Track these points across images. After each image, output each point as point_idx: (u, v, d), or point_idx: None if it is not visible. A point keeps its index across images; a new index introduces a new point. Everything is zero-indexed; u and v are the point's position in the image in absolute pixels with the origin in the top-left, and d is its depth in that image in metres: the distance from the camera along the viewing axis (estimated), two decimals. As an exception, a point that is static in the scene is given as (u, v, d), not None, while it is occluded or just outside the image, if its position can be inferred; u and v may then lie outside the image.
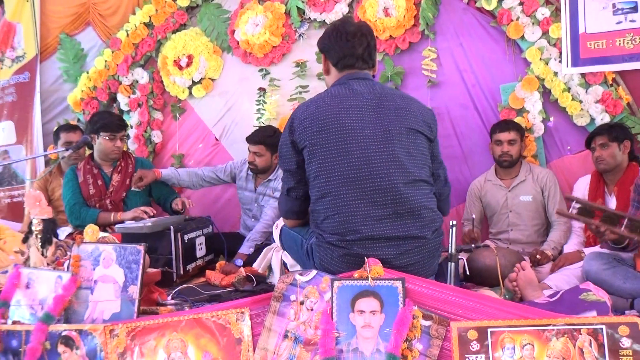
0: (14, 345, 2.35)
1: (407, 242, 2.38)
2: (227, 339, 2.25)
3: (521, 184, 3.88)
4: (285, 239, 2.79)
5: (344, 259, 2.37)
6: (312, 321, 2.22)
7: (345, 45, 2.55)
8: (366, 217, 2.35)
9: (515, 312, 2.04)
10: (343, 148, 2.37)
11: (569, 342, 1.91)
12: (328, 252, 2.41)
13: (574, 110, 3.88)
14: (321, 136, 2.40)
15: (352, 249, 2.35)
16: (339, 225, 2.37)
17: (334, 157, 2.38)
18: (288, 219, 2.67)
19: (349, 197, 2.35)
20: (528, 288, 2.96)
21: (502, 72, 4.15)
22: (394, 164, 2.38)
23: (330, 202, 2.39)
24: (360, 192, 2.35)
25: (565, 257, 3.45)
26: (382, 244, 2.35)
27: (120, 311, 2.43)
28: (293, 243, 2.73)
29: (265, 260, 2.86)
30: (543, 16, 3.92)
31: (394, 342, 2.03)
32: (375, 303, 2.14)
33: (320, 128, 2.41)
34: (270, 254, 2.84)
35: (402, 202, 2.36)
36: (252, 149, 4.18)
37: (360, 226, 2.35)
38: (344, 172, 2.36)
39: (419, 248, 2.42)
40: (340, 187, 2.37)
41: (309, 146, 2.42)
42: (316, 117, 2.44)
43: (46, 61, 5.38)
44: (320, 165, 2.40)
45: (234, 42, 4.82)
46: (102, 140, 4.05)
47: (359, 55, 2.56)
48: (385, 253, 2.34)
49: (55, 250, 2.76)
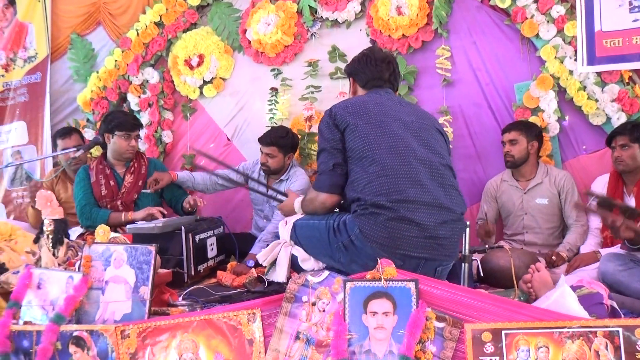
0: (26, 346, 2.37)
1: (445, 212, 2.51)
2: (238, 340, 2.26)
3: (537, 186, 3.86)
4: (301, 231, 2.73)
5: (388, 224, 2.40)
6: (324, 322, 2.23)
7: (375, 69, 2.86)
8: (411, 181, 2.47)
9: (530, 314, 2.03)
10: (385, 125, 2.59)
11: (584, 344, 1.90)
12: (371, 219, 2.43)
13: (590, 109, 3.86)
14: (362, 118, 2.61)
15: (398, 211, 2.41)
16: (387, 185, 2.45)
17: (377, 130, 2.57)
18: (333, 193, 2.63)
19: (394, 164, 2.49)
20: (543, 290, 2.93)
21: (516, 70, 4.14)
22: (429, 146, 2.61)
23: (375, 167, 2.50)
24: (403, 161, 2.50)
25: (581, 258, 3.43)
26: (425, 210, 2.45)
27: (131, 312, 2.44)
28: (313, 231, 2.67)
29: (272, 255, 2.79)
30: (558, 14, 3.90)
31: (407, 344, 2.03)
32: (388, 304, 2.14)
33: (361, 111, 2.64)
34: (278, 248, 2.78)
35: (440, 177, 2.56)
36: (265, 150, 4.20)
37: (407, 188, 2.45)
38: (386, 142, 2.54)
39: (453, 224, 2.55)
40: (385, 155, 2.51)
41: (352, 125, 2.59)
42: (355, 105, 2.68)
43: (57, 61, 5.42)
44: (364, 138, 2.55)
45: (246, 41, 4.83)
46: (116, 139, 4.07)
47: (386, 79, 2.87)
48: (427, 219, 2.44)
49: (66, 251, 2.78)
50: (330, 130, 2.65)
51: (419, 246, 2.43)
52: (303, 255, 2.66)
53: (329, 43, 4.60)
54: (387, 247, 2.40)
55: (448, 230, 2.52)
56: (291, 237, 2.76)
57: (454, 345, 2.02)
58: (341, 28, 4.60)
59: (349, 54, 4.55)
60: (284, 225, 2.82)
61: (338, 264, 2.54)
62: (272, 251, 2.78)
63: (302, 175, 4.26)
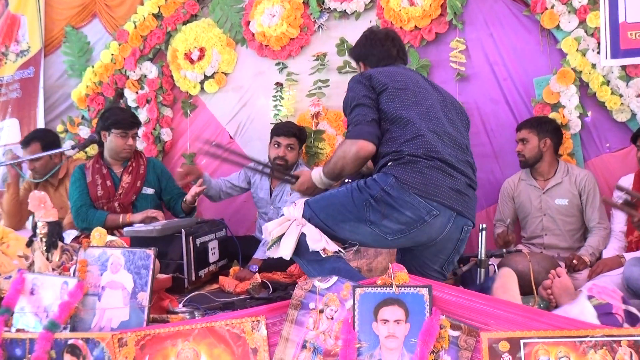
0: (18, 354, 2.38)
1: (468, 179, 2.71)
2: (242, 349, 2.26)
3: (557, 186, 3.84)
4: (316, 205, 2.69)
5: (425, 171, 2.56)
6: (333, 331, 2.22)
7: (382, 48, 3.01)
8: (444, 146, 2.66)
9: (550, 322, 2.03)
10: (420, 95, 2.77)
11: (608, 354, 1.90)
12: (409, 166, 2.57)
13: (614, 104, 3.85)
14: (403, 82, 2.77)
15: (435, 162, 2.58)
16: (423, 145, 2.61)
17: (415, 98, 2.74)
18: (371, 141, 2.63)
19: (429, 128, 2.66)
20: (564, 296, 2.93)
21: (535, 64, 4.13)
22: (455, 125, 2.83)
23: (412, 128, 2.64)
24: (436, 128, 2.70)
25: (604, 263, 3.42)
26: (454, 172, 2.64)
27: (129, 319, 2.44)
28: (332, 199, 2.68)
29: (280, 228, 2.69)
30: (580, 4, 3.89)
31: (419, 354, 2.03)
32: (400, 312, 2.14)
33: (401, 77, 2.80)
34: (288, 223, 2.69)
35: (461, 152, 2.76)
36: (285, 141, 4.21)
37: (442, 150, 2.63)
38: (421, 111, 2.71)
39: (474, 192, 2.79)
40: (421, 119, 2.68)
41: (391, 88, 2.72)
42: (390, 71, 2.83)
43: (51, 55, 5.45)
44: (405, 100, 2.71)
45: (249, 34, 4.84)
46: (113, 137, 4.08)
47: (395, 55, 3.02)
48: (458, 178, 2.64)
49: (60, 255, 2.79)
50: (367, 89, 2.74)
51: (452, 198, 2.58)
52: (314, 235, 2.58)
53: (337, 35, 4.60)
54: (425, 194, 2.52)
55: (471, 192, 2.74)
56: (304, 215, 2.68)
57: (469, 355, 2.02)
58: (350, 19, 4.60)
59: (358, 47, 4.56)
60: (293, 207, 2.75)
61: (366, 225, 2.56)
62: (281, 224, 2.68)
63: None
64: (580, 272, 3.46)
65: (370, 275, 2.53)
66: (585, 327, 1.98)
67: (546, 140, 3.82)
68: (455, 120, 2.85)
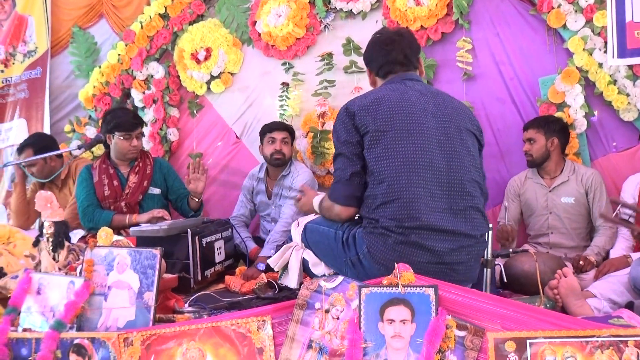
0: (24, 354, 2.38)
1: (461, 239, 2.46)
2: (247, 349, 2.26)
3: (563, 184, 3.83)
4: (311, 236, 2.76)
5: (397, 248, 2.40)
6: (338, 331, 2.22)
7: (381, 53, 2.77)
8: (426, 206, 2.42)
9: (556, 322, 2.02)
10: (407, 135, 2.48)
11: (614, 355, 1.88)
12: (381, 240, 2.42)
13: (621, 104, 3.83)
14: (388, 122, 2.50)
15: (409, 237, 2.39)
16: (398, 211, 2.41)
17: (398, 143, 2.47)
18: (348, 205, 2.57)
19: (408, 184, 2.42)
20: (570, 296, 2.92)
21: (542, 63, 4.12)
22: (454, 159, 2.51)
23: (389, 187, 2.44)
24: (419, 181, 2.43)
25: (611, 263, 3.40)
26: (438, 237, 2.42)
27: (135, 319, 2.44)
28: (323, 238, 2.70)
29: (283, 259, 2.83)
30: (587, 3, 3.87)
31: (426, 354, 2.02)
32: (406, 312, 2.13)
33: (387, 114, 2.51)
34: (289, 252, 2.81)
35: (460, 198, 2.49)
36: (280, 135, 4.29)
37: (420, 214, 2.40)
38: (406, 157, 2.45)
39: (470, 248, 2.51)
40: (400, 172, 2.43)
41: (373, 131, 2.49)
42: (380, 104, 2.55)
43: (58, 56, 5.47)
44: (384, 150, 2.47)
45: (255, 33, 4.84)
46: (117, 140, 4.07)
47: (395, 60, 2.74)
48: (440, 246, 2.41)
49: (67, 255, 2.79)
50: (349, 133, 2.57)
51: (429, 272, 2.34)
52: (314, 259, 2.70)
53: (344, 35, 4.60)
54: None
55: (464, 255, 2.50)
56: (302, 240, 2.79)
57: (475, 355, 2.01)
58: (356, 19, 4.60)
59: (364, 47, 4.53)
60: (295, 227, 2.85)
61: (345, 276, 2.53)
62: (283, 255, 2.81)
63: (303, 169, 4.35)
64: (586, 273, 3.45)
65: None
66: (592, 327, 1.97)
67: (553, 139, 3.81)
68: (459, 151, 2.54)
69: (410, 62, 2.76)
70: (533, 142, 3.82)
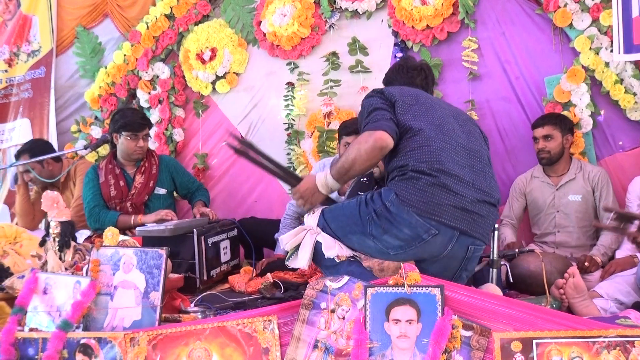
0: (31, 354, 2.39)
1: (483, 194, 2.62)
2: (253, 349, 2.27)
3: (570, 182, 3.83)
4: (329, 214, 2.72)
5: (427, 189, 2.49)
6: (344, 330, 2.23)
7: (405, 76, 3.04)
8: (452, 159, 2.59)
9: (563, 322, 2.02)
10: (429, 110, 2.74)
11: (621, 355, 1.89)
12: (410, 183, 2.52)
13: (627, 103, 3.83)
14: (410, 98, 2.76)
15: (439, 178, 2.50)
16: (427, 155, 2.55)
17: (422, 111, 2.71)
18: (389, 134, 2.56)
19: (437, 139, 2.61)
20: (576, 296, 2.93)
21: (548, 63, 4.11)
22: (470, 137, 2.77)
23: (419, 138, 2.61)
24: (446, 140, 2.64)
25: (617, 263, 3.40)
26: (464, 185, 2.56)
27: (141, 318, 2.45)
28: (343, 210, 2.70)
29: (295, 239, 2.76)
30: (593, 2, 3.87)
31: (432, 354, 2.03)
32: (412, 311, 2.14)
33: (409, 92, 2.81)
34: (303, 233, 2.76)
35: (479, 163, 2.71)
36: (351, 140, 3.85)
37: (448, 162, 2.56)
38: (431, 122, 2.67)
39: (491, 206, 2.67)
40: (429, 130, 2.63)
41: (400, 102, 2.71)
42: (403, 90, 2.83)
43: (62, 55, 5.47)
44: (413, 114, 2.68)
45: (260, 34, 4.85)
46: (123, 140, 4.10)
47: (418, 84, 3.02)
48: (467, 193, 2.55)
49: (73, 254, 2.80)
50: (382, 99, 2.74)
51: (455, 217, 2.50)
52: (328, 242, 2.65)
53: (349, 35, 4.61)
54: (423, 212, 2.46)
55: (485, 209, 2.61)
56: (318, 224, 2.75)
57: (481, 355, 2.02)
58: (361, 19, 4.60)
59: (369, 46, 4.56)
60: (311, 214, 2.82)
61: (370, 239, 2.56)
62: (296, 236, 2.76)
63: None
64: (592, 274, 3.44)
65: (382, 275, 2.52)
66: (598, 327, 1.97)
67: (568, 136, 3.84)
68: (473, 132, 2.82)
69: (428, 88, 3.08)
70: (550, 138, 3.81)
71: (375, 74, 4.52)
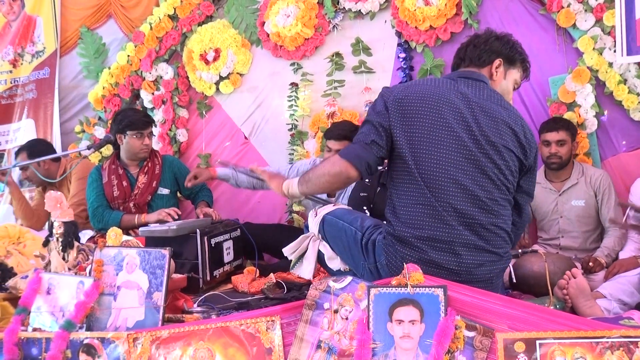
0: (34, 354, 2.39)
1: (483, 254, 2.44)
2: (256, 349, 2.26)
3: (573, 187, 3.82)
4: (330, 229, 2.71)
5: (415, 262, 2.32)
6: (347, 331, 2.22)
7: (457, 53, 2.85)
8: (447, 214, 2.38)
9: (566, 322, 2.01)
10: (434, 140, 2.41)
11: (625, 356, 1.88)
12: (399, 256, 2.41)
13: (631, 103, 3.82)
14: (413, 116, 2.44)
15: (426, 253, 2.38)
16: (416, 218, 2.40)
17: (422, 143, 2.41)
18: (356, 167, 2.41)
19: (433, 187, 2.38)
20: (580, 297, 2.91)
21: (551, 63, 4.11)
22: (475, 180, 2.41)
23: (409, 184, 2.42)
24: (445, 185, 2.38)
25: (620, 264, 3.39)
26: (458, 249, 2.39)
27: (144, 319, 2.45)
28: (342, 234, 2.64)
29: (300, 249, 2.78)
30: (596, 2, 3.86)
31: (435, 354, 2.02)
32: (415, 312, 2.13)
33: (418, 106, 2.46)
34: (306, 242, 2.77)
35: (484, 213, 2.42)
36: (336, 145, 3.88)
37: (438, 224, 2.39)
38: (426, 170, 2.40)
39: (493, 264, 2.49)
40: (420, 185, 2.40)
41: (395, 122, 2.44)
42: (413, 100, 2.47)
43: (66, 56, 5.50)
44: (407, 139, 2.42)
45: (264, 34, 4.85)
46: (129, 139, 4.10)
47: (462, 56, 2.81)
48: (460, 261, 2.40)
49: (76, 255, 2.80)
50: (381, 114, 2.47)
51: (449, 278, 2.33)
52: (330, 253, 2.68)
53: (352, 35, 4.61)
54: None
55: (485, 272, 2.46)
56: (319, 231, 2.75)
57: (484, 355, 2.01)
58: (365, 19, 4.60)
59: (373, 47, 4.56)
60: (313, 217, 2.81)
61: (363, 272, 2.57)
62: (300, 245, 2.78)
63: None
64: (596, 274, 3.44)
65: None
66: (602, 327, 1.96)
67: (576, 142, 3.83)
68: (497, 161, 2.44)
69: (474, 56, 2.78)
70: (563, 143, 3.76)
71: (378, 74, 4.53)
